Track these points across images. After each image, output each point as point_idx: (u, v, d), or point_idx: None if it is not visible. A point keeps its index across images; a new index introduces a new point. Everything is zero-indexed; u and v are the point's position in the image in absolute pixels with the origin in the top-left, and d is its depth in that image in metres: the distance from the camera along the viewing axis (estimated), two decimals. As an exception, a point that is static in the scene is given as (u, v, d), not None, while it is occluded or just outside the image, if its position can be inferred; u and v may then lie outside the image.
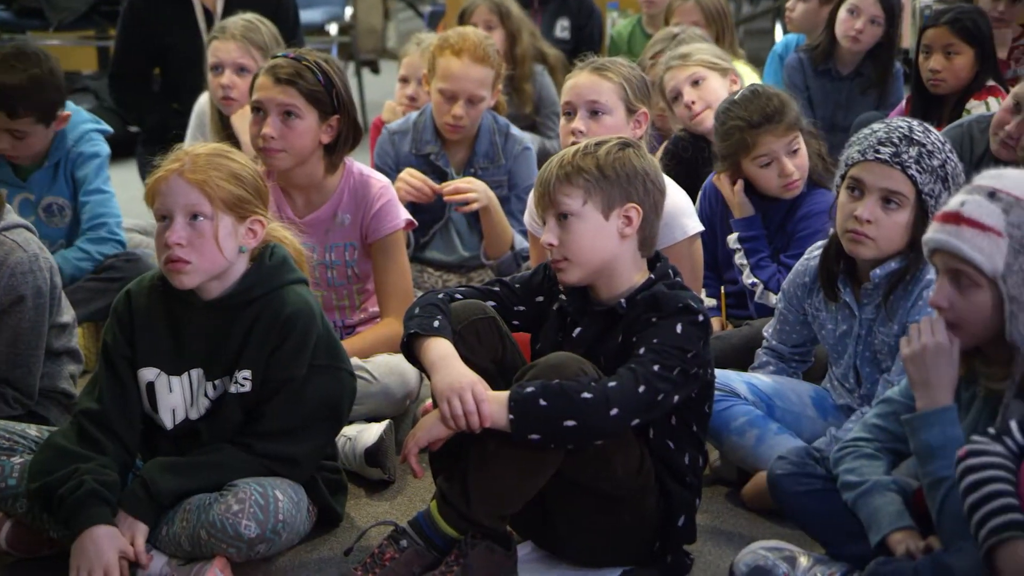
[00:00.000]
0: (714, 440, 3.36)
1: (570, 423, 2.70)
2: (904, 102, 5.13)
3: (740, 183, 3.98)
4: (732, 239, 4.00)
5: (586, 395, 2.71)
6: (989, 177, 2.58)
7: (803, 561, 2.80)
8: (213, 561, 2.83)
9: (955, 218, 2.54)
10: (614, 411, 2.72)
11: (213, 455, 2.93)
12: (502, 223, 4.44)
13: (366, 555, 2.85)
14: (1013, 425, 2.44)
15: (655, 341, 2.81)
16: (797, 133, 3.91)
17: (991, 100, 4.76)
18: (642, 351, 2.81)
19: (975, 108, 4.77)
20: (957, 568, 2.48)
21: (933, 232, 2.58)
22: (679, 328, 2.83)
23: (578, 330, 2.98)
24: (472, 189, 4.33)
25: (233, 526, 2.80)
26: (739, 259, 4.00)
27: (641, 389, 2.76)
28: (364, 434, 3.45)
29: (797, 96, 4.31)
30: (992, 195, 2.53)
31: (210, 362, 2.97)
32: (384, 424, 3.48)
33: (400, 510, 3.31)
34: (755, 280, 3.95)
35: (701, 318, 2.86)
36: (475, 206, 4.32)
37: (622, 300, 2.93)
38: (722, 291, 4.15)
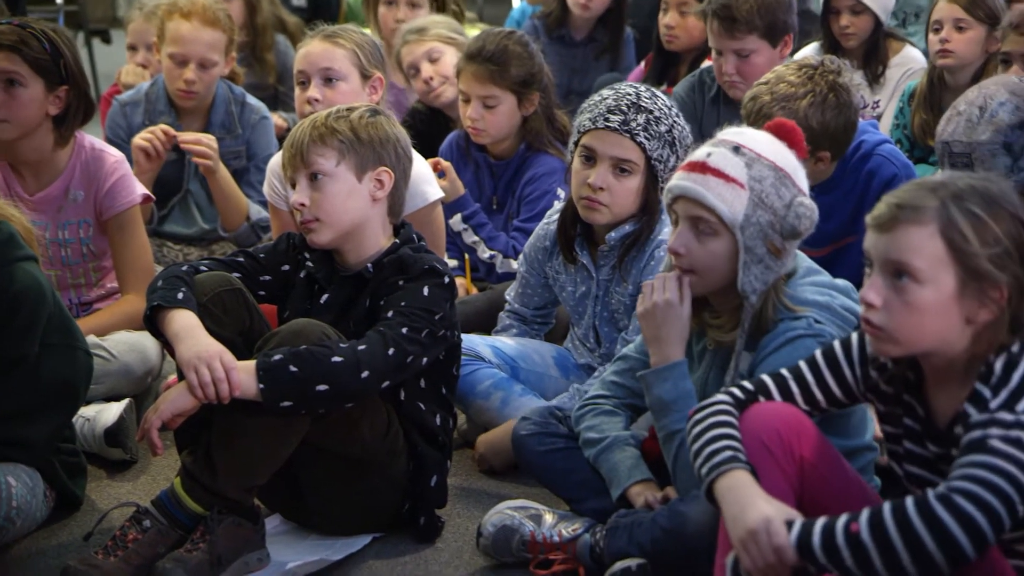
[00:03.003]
0: (460, 404, 3.40)
1: (322, 387, 2.69)
2: (644, 63, 5.29)
3: (437, 162, 4.03)
4: (456, 221, 4.05)
5: (336, 359, 2.71)
6: (733, 133, 2.67)
7: (548, 518, 2.86)
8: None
9: (701, 167, 2.62)
10: (365, 373, 2.73)
11: None
12: (233, 192, 4.37)
13: (107, 538, 2.78)
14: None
15: (402, 304, 2.84)
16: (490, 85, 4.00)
17: None
18: (390, 314, 2.83)
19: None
20: (691, 515, 2.59)
21: (678, 180, 2.65)
22: (426, 291, 2.86)
23: (326, 296, 2.97)
24: (210, 144, 4.24)
25: None
26: (469, 238, 4.06)
27: (391, 351, 2.77)
28: (103, 414, 3.36)
29: None
30: (736, 149, 2.62)
31: None
32: (124, 403, 3.39)
33: (144, 490, 3.24)
34: (492, 253, 4.01)
35: (446, 280, 2.90)
36: (208, 163, 4.23)
37: (369, 264, 2.94)
38: (466, 256, 4.20)
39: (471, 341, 3.43)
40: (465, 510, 3.15)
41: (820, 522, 2.05)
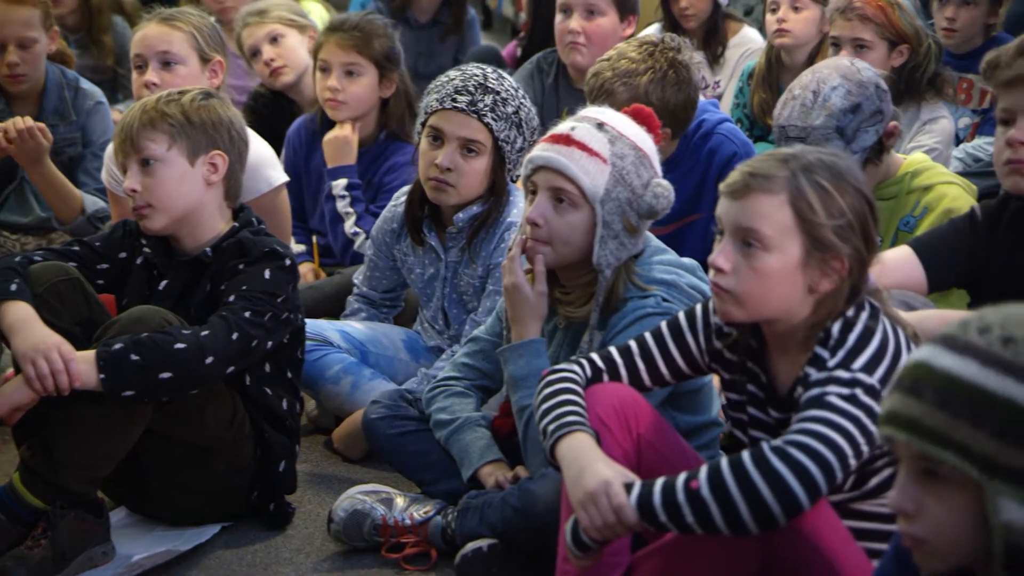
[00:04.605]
0: (310, 389, 3.38)
1: (166, 375, 2.64)
2: (515, 41, 5.32)
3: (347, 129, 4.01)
4: (340, 185, 4.00)
5: (179, 345, 2.67)
6: (595, 112, 2.71)
7: (400, 501, 2.86)
8: None
9: (566, 139, 2.64)
10: (209, 359, 2.69)
11: None
12: (62, 185, 4.21)
13: (-56, 540, 2.69)
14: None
15: (244, 288, 2.80)
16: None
17: None
18: (232, 298, 2.79)
19: None
20: (540, 494, 2.61)
21: (541, 151, 2.67)
22: (267, 273, 2.83)
23: (164, 283, 2.93)
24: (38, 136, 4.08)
25: None
26: (344, 207, 4.01)
27: (234, 336, 2.74)
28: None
29: None
30: (600, 126, 2.65)
31: None
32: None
33: (-18, 487, 3.14)
34: (358, 230, 3.97)
35: (288, 262, 2.88)
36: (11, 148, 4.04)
37: (207, 249, 2.90)
38: (314, 239, 4.16)
39: (319, 326, 3.41)
40: (316, 496, 3.13)
41: (660, 481, 2.08)
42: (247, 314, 2.77)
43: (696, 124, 3.58)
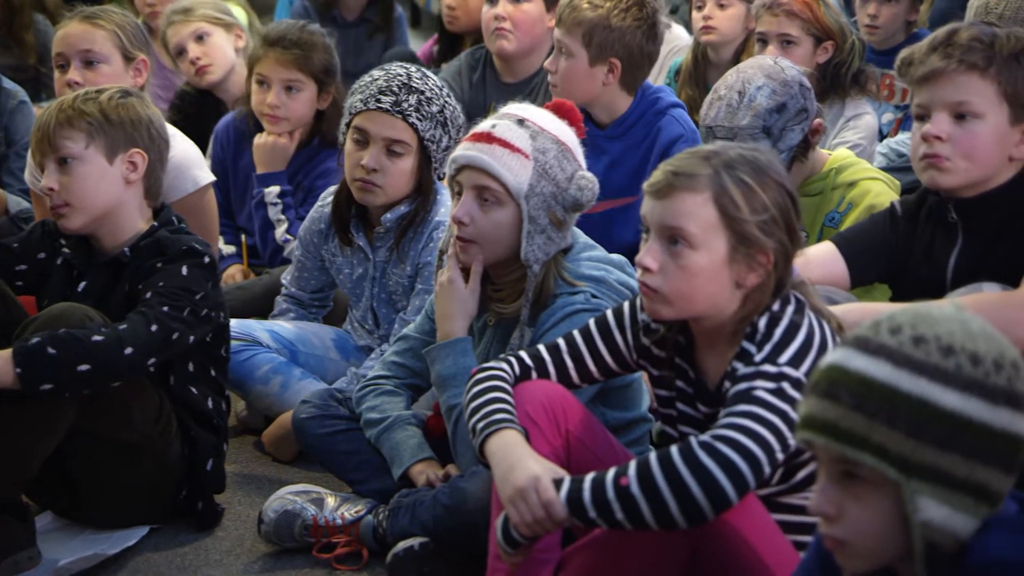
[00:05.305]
0: (239, 390, 3.36)
1: (84, 367, 2.62)
2: (433, 40, 5.31)
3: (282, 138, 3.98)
4: (273, 193, 3.97)
5: (97, 338, 2.64)
6: (515, 108, 2.72)
7: (330, 501, 2.85)
8: None
9: (487, 137, 2.65)
10: (128, 350, 2.67)
11: None
12: None
13: None
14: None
15: (161, 284, 2.79)
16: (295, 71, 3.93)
17: None
18: (149, 295, 2.78)
19: None
20: (471, 492, 2.62)
21: (463, 150, 2.68)
22: (184, 270, 2.82)
23: (84, 284, 2.90)
24: None
25: None
26: (276, 214, 3.98)
27: (153, 328, 2.72)
28: None
29: None
30: (521, 122, 2.67)
31: None
32: None
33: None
34: (289, 237, 3.93)
35: (207, 260, 2.86)
36: None
37: (126, 248, 2.88)
38: (243, 239, 4.13)
39: (248, 326, 3.39)
40: (246, 497, 3.11)
41: (589, 478, 2.09)
42: (165, 308, 2.76)
43: (653, 98, 3.68)
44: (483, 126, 2.69)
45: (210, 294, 2.85)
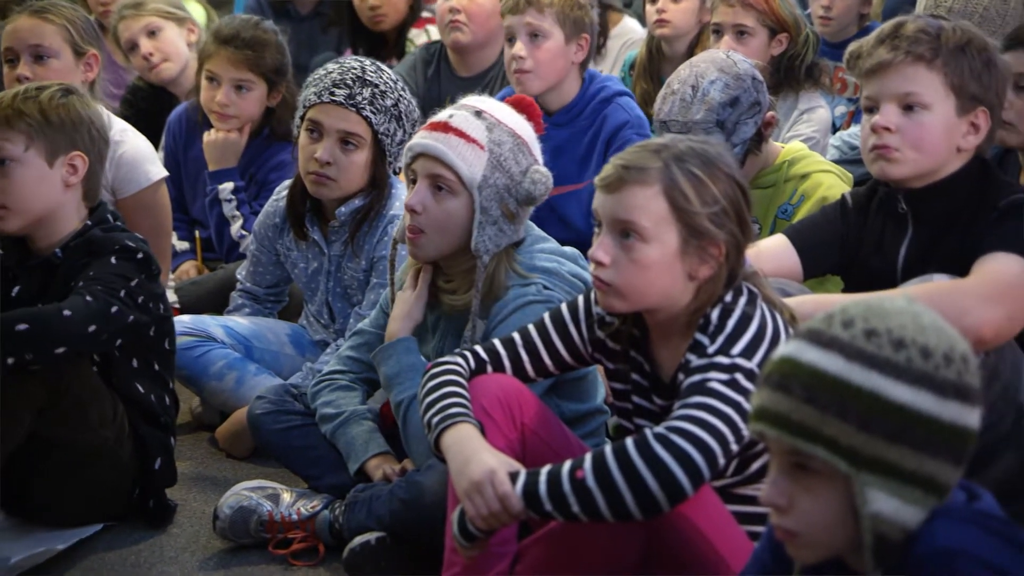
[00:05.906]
0: (193, 386, 3.34)
1: (22, 327, 2.59)
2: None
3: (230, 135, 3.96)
4: (227, 189, 3.95)
5: (33, 309, 2.64)
6: (473, 100, 2.73)
7: (286, 497, 2.84)
8: None
9: (443, 127, 2.66)
10: (67, 312, 2.64)
11: None
12: None
13: None
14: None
15: (91, 274, 2.76)
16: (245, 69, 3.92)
17: (429, 28, 5.03)
18: (81, 284, 2.74)
19: (418, 37, 5.02)
20: (428, 485, 2.62)
21: (419, 138, 2.68)
22: (113, 260, 2.78)
23: (17, 288, 2.86)
24: None
25: None
26: (230, 210, 3.96)
27: (89, 299, 2.69)
28: None
29: None
30: (478, 114, 2.67)
31: None
32: None
33: None
34: (244, 233, 3.91)
35: (140, 256, 2.82)
36: None
37: (57, 249, 2.84)
38: (196, 235, 4.11)
39: (203, 322, 3.37)
40: (201, 494, 3.09)
41: (545, 470, 2.09)
42: (99, 287, 2.72)
43: (599, 87, 3.74)
44: (441, 116, 2.70)
45: (144, 284, 2.80)
